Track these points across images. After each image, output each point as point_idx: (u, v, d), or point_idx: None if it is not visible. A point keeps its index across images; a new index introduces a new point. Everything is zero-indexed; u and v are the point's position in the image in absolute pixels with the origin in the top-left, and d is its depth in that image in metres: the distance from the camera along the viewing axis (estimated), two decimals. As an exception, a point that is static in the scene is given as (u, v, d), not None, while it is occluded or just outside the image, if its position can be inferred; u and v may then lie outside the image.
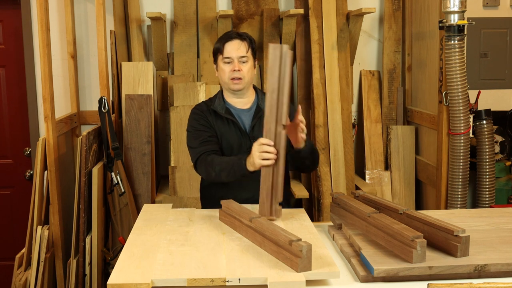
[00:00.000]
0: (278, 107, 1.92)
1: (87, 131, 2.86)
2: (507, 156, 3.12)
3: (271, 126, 1.94)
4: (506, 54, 3.40)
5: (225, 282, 1.50)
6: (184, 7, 3.35)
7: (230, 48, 2.25)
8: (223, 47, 2.27)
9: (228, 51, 2.25)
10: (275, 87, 1.92)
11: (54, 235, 2.86)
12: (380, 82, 3.58)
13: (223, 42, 2.28)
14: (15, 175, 3.52)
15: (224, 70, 2.27)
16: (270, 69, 1.92)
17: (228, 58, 2.25)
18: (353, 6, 3.43)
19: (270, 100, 1.92)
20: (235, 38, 2.26)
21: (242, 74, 2.25)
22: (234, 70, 2.24)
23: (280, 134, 1.94)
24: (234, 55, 2.25)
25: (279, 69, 1.91)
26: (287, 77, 1.92)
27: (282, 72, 1.92)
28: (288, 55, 1.91)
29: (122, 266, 1.58)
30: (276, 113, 1.92)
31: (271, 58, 1.92)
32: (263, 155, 1.96)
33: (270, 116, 1.93)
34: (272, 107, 1.92)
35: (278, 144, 1.94)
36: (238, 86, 2.28)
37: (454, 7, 2.69)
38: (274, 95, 1.92)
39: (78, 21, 3.38)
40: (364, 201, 2.00)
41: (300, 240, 1.56)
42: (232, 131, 2.32)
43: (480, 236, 1.82)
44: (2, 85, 3.47)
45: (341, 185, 3.24)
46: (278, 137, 1.94)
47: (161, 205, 2.26)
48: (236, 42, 2.26)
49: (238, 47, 2.25)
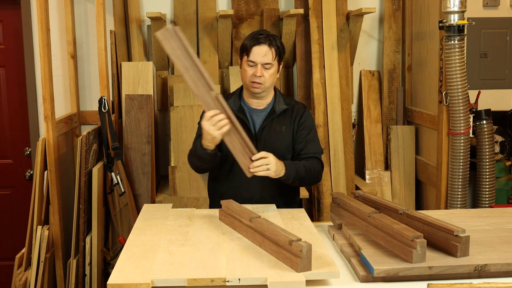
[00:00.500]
0: (200, 78, 1.93)
1: (87, 131, 2.86)
2: (507, 156, 3.12)
3: (206, 98, 1.94)
4: (506, 54, 3.40)
5: (225, 282, 1.50)
6: (184, 7, 3.35)
7: (257, 52, 2.21)
8: (251, 49, 2.22)
9: (254, 55, 2.21)
10: (186, 65, 1.90)
11: (54, 235, 2.86)
12: (380, 82, 3.58)
13: (252, 44, 2.23)
14: (15, 175, 3.52)
15: (246, 71, 2.25)
16: (171, 54, 1.90)
17: (253, 62, 2.22)
18: (353, 6, 3.43)
19: (190, 78, 1.91)
20: (263, 43, 2.21)
21: (263, 80, 2.23)
22: (256, 75, 2.22)
23: (216, 98, 1.95)
24: (259, 61, 2.21)
25: (178, 48, 1.89)
26: (189, 49, 1.90)
27: (181, 48, 1.90)
28: (176, 31, 1.88)
29: (122, 266, 1.58)
30: (202, 84, 1.93)
31: (165, 44, 1.89)
32: (218, 125, 1.96)
33: (199, 90, 1.93)
34: (196, 82, 1.92)
35: (221, 108, 1.96)
36: (257, 90, 2.26)
37: (454, 7, 2.69)
38: (190, 73, 1.91)
39: (78, 21, 3.38)
40: (364, 201, 2.00)
41: (300, 240, 1.56)
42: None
43: (480, 236, 1.82)
44: (2, 85, 3.47)
45: (341, 185, 3.24)
46: (217, 102, 1.96)
47: (161, 205, 2.26)
48: (264, 48, 2.21)
49: (265, 53, 2.21)
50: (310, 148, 2.33)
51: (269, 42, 2.22)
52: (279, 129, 2.32)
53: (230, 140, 2.00)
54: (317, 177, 2.32)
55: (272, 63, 2.23)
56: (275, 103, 2.34)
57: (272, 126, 2.32)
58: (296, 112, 2.35)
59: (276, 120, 2.33)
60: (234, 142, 2.00)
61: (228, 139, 2.00)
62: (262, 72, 2.22)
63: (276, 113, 2.32)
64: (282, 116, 2.33)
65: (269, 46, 2.22)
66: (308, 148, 2.33)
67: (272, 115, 2.32)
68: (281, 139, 2.33)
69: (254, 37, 2.24)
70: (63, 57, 3.37)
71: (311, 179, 2.29)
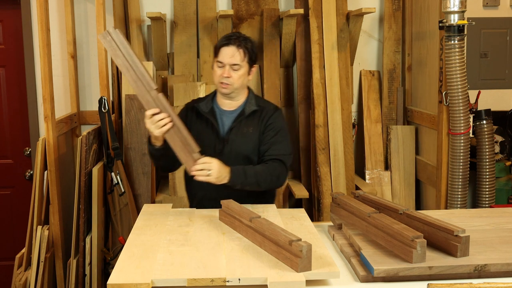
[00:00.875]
0: (141, 78, 1.99)
1: (87, 131, 2.86)
2: (507, 156, 3.12)
3: (146, 97, 2.01)
4: (506, 54, 3.40)
5: (225, 282, 1.50)
6: (184, 7, 3.35)
7: (224, 53, 2.23)
8: (219, 50, 2.25)
9: (222, 56, 2.23)
10: (127, 65, 1.98)
11: (54, 235, 2.86)
12: (380, 82, 3.58)
13: (220, 44, 2.26)
14: (15, 175, 3.52)
15: (216, 72, 2.27)
16: (112, 55, 1.99)
17: (221, 63, 2.24)
18: (353, 6, 3.43)
19: (131, 77, 1.99)
20: (232, 44, 2.22)
21: (231, 81, 2.23)
22: (224, 75, 2.23)
23: (157, 98, 2.01)
24: (227, 61, 2.22)
25: (119, 50, 1.98)
26: (129, 50, 1.98)
27: (122, 49, 1.98)
28: (117, 33, 1.97)
29: (122, 266, 1.58)
30: (143, 84, 1.99)
31: (107, 46, 1.98)
32: (158, 124, 2.00)
33: (139, 89, 2.00)
34: (137, 82, 1.99)
35: (162, 107, 2.01)
36: (225, 91, 2.27)
37: (454, 7, 2.69)
38: (131, 72, 1.99)
39: (78, 21, 3.38)
40: (364, 201, 2.00)
41: (300, 240, 1.56)
42: (209, 132, 2.32)
43: (480, 236, 1.82)
44: (2, 85, 3.47)
45: (341, 185, 3.24)
46: (158, 102, 2.01)
47: (161, 205, 2.26)
48: (231, 49, 2.22)
49: (232, 54, 2.22)
50: (274, 149, 2.30)
51: (238, 43, 2.23)
52: (246, 131, 2.31)
53: (171, 139, 2.04)
54: (277, 181, 2.27)
55: (241, 64, 2.23)
56: (246, 105, 2.33)
57: (240, 128, 2.31)
58: (265, 114, 2.33)
59: (245, 122, 2.32)
60: (175, 140, 2.04)
61: (169, 137, 2.04)
62: (230, 73, 2.23)
63: (245, 115, 2.31)
64: (251, 118, 2.32)
65: (238, 47, 2.22)
66: (272, 149, 2.30)
67: (241, 117, 2.31)
68: (247, 141, 2.31)
69: (224, 39, 2.27)
70: (63, 57, 3.37)
71: (269, 183, 2.24)
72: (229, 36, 2.27)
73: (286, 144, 2.34)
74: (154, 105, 2.00)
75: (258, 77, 3.41)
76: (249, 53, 2.26)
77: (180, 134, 2.03)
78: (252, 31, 3.39)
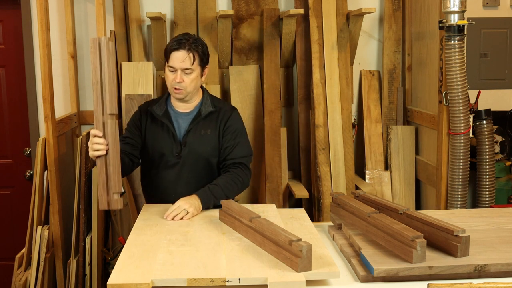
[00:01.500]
0: (104, 97, 1.95)
1: (87, 131, 2.86)
2: (507, 156, 3.12)
3: (100, 117, 1.98)
4: (506, 54, 3.40)
5: (225, 282, 1.50)
6: (184, 7, 3.35)
7: (175, 58, 2.20)
8: (170, 55, 2.21)
9: (172, 61, 2.20)
10: (98, 78, 1.96)
11: (54, 235, 2.86)
12: (380, 82, 3.58)
13: (170, 49, 2.21)
14: (15, 175, 3.52)
15: (168, 76, 2.25)
16: (92, 63, 1.96)
17: (172, 68, 2.21)
18: (353, 6, 3.43)
19: (96, 92, 1.96)
20: (182, 48, 2.19)
21: (183, 86, 2.22)
22: (176, 81, 2.21)
23: (107, 124, 1.97)
24: (178, 66, 2.20)
25: (99, 60, 1.95)
26: (107, 67, 1.95)
27: (102, 62, 1.95)
28: (105, 46, 1.94)
29: (122, 266, 1.58)
30: (102, 103, 1.96)
31: (92, 52, 1.96)
32: (93, 147, 1.98)
33: (97, 106, 1.97)
34: (98, 98, 1.96)
35: (106, 134, 1.97)
36: (178, 96, 2.26)
37: (454, 7, 2.69)
38: (98, 86, 1.96)
39: (78, 21, 3.38)
40: (364, 201, 2.00)
41: (300, 240, 1.56)
42: (165, 135, 2.31)
43: (480, 236, 1.82)
44: (2, 85, 3.47)
45: (341, 185, 3.24)
46: (106, 127, 1.97)
47: (161, 205, 2.26)
48: (181, 53, 2.19)
49: (183, 59, 2.19)
50: (236, 152, 2.31)
51: (188, 47, 2.19)
52: (204, 133, 2.31)
53: (100, 167, 2.00)
54: (242, 186, 2.30)
55: (192, 68, 2.21)
56: (201, 106, 2.32)
57: (197, 130, 2.31)
58: (222, 115, 2.33)
59: (202, 123, 2.31)
60: (102, 170, 1.99)
61: (99, 164, 2.00)
62: (182, 78, 2.21)
63: (202, 116, 2.30)
64: (208, 119, 2.32)
65: (188, 51, 2.19)
66: (234, 153, 2.31)
67: (197, 118, 2.30)
68: (205, 143, 2.31)
69: (174, 43, 2.21)
70: (63, 57, 3.37)
71: (235, 192, 2.27)
72: (179, 39, 2.22)
73: (246, 145, 2.36)
74: (101, 127, 1.97)
75: (258, 77, 3.41)
76: (200, 56, 2.23)
77: (108, 168, 1.99)
78: (252, 31, 3.39)
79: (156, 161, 2.34)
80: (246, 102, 3.37)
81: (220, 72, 3.43)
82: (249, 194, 3.37)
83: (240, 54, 3.41)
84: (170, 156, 2.31)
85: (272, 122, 3.26)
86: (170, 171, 2.32)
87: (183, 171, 2.31)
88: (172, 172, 2.32)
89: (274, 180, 3.22)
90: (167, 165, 2.33)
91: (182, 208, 2.06)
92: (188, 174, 2.31)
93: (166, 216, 2.05)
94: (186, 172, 2.31)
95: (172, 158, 2.31)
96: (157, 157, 2.33)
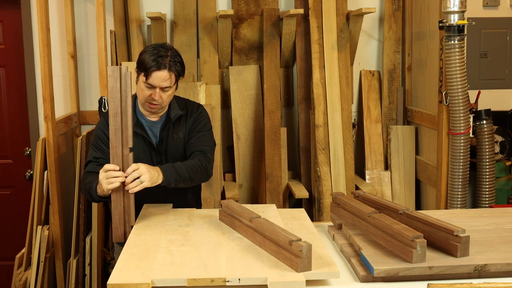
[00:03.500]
0: (123, 130, 1.93)
1: (87, 131, 2.86)
2: (507, 156, 3.12)
3: (118, 150, 1.94)
4: (506, 54, 3.40)
5: (225, 282, 1.50)
6: (184, 7, 3.35)
7: (155, 77, 2.11)
8: (150, 74, 2.10)
9: (152, 79, 2.11)
10: (118, 110, 1.92)
11: (54, 235, 2.86)
12: (380, 82, 3.58)
13: (151, 68, 2.10)
14: (15, 175, 3.52)
15: (143, 90, 2.16)
16: (110, 93, 1.91)
17: (150, 85, 2.13)
18: (353, 6, 3.43)
19: (114, 124, 1.92)
20: (163, 68, 2.10)
21: (160, 102, 2.17)
22: (154, 98, 2.14)
23: (127, 157, 1.94)
24: (157, 85, 2.12)
25: (120, 92, 1.91)
26: (129, 99, 1.91)
27: (123, 94, 1.91)
28: (128, 76, 1.90)
29: (122, 266, 1.58)
30: (122, 136, 1.93)
31: (111, 81, 1.90)
32: (109, 180, 1.94)
33: (116, 139, 1.93)
34: (117, 131, 1.92)
35: (126, 168, 1.94)
36: (153, 110, 2.22)
37: (454, 7, 2.69)
38: (117, 119, 1.92)
39: (78, 21, 3.38)
40: (364, 201, 2.00)
41: (300, 240, 1.56)
42: (141, 146, 2.27)
43: (480, 236, 1.82)
44: (2, 85, 3.47)
45: (341, 185, 3.24)
46: (125, 161, 1.95)
47: (161, 205, 2.26)
48: (163, 73, 2.10)
49: (164, 79, 2.11)
50: (197, 142, 2.28)
51: (169, 66, 2.11)
52: (176, 137, 2.29)
53: (116, 198, 1.98)
54: (205, 173, 2.23)
55: (171, 86, 2.16)
56: (170, 111, 2.28)
57: (170, 135, 2.29)
58: (189, 115, 2.32)
59: (173, 128, 2.29)
60: (118, 202, 1.98)
61: (115, 196, 1.98)
62: (161, 95, 2.15)
63: (172, 121, 2.27)
64: (177, 123, 2.30)
65: (169, 70, 2.12)
66: (195, 142, 2.28)
67: (168, 124, 2.28)
68: (180, 147, 2.30)
69: (155, 60, 2.10)
70: (63, 57, 3.37)
71: (198, 176, 2.20)
72: (157, 57, 2.11)
73: (208, 136, 2.33)
74: (120, 161, 1.94)
75: (258, 77, 3.41)
76: (179, 73, 2.17)
77: (126, 201, 1.98)
78: (252, 31, 3.39)
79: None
80: (246, 102, 3.37)
81: (220, 72, 3.43)
82: (249, 194, 3.37)
83: (240, 54, 3.42)
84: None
85: (272, 122, 3.26)
86: None
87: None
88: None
89: (274, 180, 3.22)
90: None
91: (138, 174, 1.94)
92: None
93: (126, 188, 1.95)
94: None
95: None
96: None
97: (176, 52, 2.20)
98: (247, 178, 3.36)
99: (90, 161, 2.24)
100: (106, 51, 3.01)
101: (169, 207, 2.20)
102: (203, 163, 2.22)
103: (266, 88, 3.30)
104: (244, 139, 3.34)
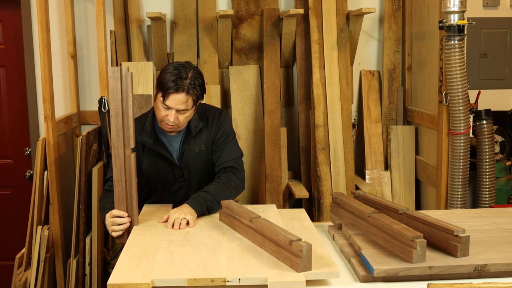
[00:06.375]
0: (124, 131, 1.92)
1: (87, 131, 2.86)
2: (507, 156, 3.12)
3: (119, 151, 1.93)
4: (506, 54, 3.40)
5: (225, 282, 1.50)
6: (184, 7, 3.35)
7: (172, 99, 2.07)
8: (167, 95, 2.06)
9: (169, 101, 2.07)
10: (119, 111, 1.91)
11: (54, 235, 2.86)
12: (380, 82, 3.58)
13: (169, 90, 2.06)
14: (15, 175, 3.52)
15: (160, 110, 2.12)
16: (111, 93, 1.91)
17: (167, 106, 2.09)
18: (353, 6, 3.43)
19: (116, 124, 1.92)
20: (181, 91, 2.05)
21: (176, 123, 2.13)
22: (170, 119, 2.11)
23: (129, 157, 1.94)
24: (174, 107, 2.09)
25: (120, 92, 1.90)
26: (130, 99, 1.91)
27: (124, 95, 1.91)
28: (128, 77, 1.90)
29: (122, 266, 1.58)
30: (123, 137, 1.92)
31: (112, 82, 1.90)
32: (114, 227, 1.95)
33: (117, 140, 1.92)
34: (119, 131, 1.92)
35: (128, 168, 1.94)
36: (169, 130, 2.18)
37: (454, 7, 2.69)
38: (119, 119, 1.91)
39: (78, 21, 3.38)
40: (364, 201, 2.00)
41: (300, 240, 1.56)
42: (162, 163, 2.25)
43: (480, 236, 1.82)
44: (2, 85, 3.47)
45: (341, 185, 3.24)
46: (127, 161, 1.94)
47: (161, 205, 2.26)
48: (181, 96, 2.06)
49: (181, 102, 2.07)
50: (224, 156, 2.26)
51: (188, 89, 2.06)
52: (199, 150, 2.26)
53: (118, 201, 1.97)
54: (236, 190, 2.22)
55: (189, 109, 2.12)
56: (190, 123, 2.23)
57: (191, 148, 2.25)
58: (211, 125, 2.27)
59: (194, 141, 2.25)
60: (120, 204, 1.97)
61: (117, 198, 1.97)
62: (178, 116, 2.11)
63: (193, 134, 2.24)
64: (198, 135, 2.26)
65: (187, 94, 2.07)
66: (222, 157, 2.26)
67: (189, 137, 2.24)
68: (203, 158, 2.27)
69: (174, 81, 2.06)
70: (63, 57, 3.37)
71: (230, 194, 2.18)
72: (177, 78, 2.06)
73: (234, 148, 2.30)
74: (122, 161, 1.92)
75: (258, 77, 3.41)
76: (197, 96, 2.12)
77: (129, 201, 1.96)
78: (252, 31, 3.39)
79: (160, 188, 2.30)
80: (246, 102, 3.37)
81: (220, 72, 3.43)
82: (249, 194, 3.37)
83: (240, 54, 3.42)
84: (173, 181, 2.28)
85: (272, 122, 3.26)
86: (176, 194, 2.32)
87: (189, 190, 2.29)
88: (179, 193, 2.31)
89: (274, 180, 3.22)
90: (171, 190, 2.31)
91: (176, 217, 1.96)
92: (195, 191, 2.23)
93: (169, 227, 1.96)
94: (192, 190, 2.27)
95: (176, 183, 2.28)
96: (160, 185, 2.29)
97: (198, 73, 2.14)
98: (247, 178, 3.35)
99: (108, 179, 2.26)
100: (106, 51, 3.00)
101: (169, 207, 2.20)
102: (232, 182, 2.20)
103: (266, 88, 3.30)
104: (244, 139, 3.34)
